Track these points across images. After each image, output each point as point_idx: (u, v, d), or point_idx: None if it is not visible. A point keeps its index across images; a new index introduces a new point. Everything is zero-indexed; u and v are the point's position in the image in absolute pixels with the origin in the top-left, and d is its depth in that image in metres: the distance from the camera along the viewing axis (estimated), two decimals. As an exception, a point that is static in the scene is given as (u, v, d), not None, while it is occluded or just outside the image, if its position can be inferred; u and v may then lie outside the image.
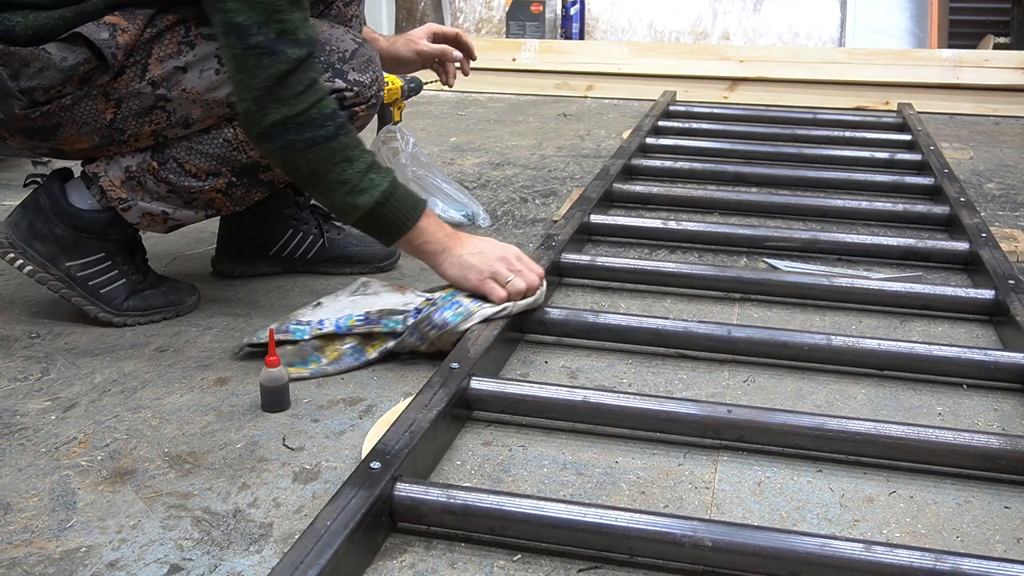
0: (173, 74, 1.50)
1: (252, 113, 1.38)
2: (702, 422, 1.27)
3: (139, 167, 1.58)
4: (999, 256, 1.84)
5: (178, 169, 1.58)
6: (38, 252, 1.59)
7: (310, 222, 1.91)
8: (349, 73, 1.59)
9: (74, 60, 1.45)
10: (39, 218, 1.60)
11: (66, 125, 1.51)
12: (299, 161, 1.41)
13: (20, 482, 1.20)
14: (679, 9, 4.47)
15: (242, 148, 1.58)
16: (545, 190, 2.57)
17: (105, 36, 1.45)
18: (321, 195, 1.47)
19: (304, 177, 1.44)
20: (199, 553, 1.06)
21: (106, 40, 1.44)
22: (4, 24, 1.43)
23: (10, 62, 1.44)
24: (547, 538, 1.06)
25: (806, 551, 0.99)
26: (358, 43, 1.62)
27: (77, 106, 1.49)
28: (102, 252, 1.63)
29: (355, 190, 1.43)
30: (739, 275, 1.80)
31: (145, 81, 1.49)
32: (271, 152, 1.42)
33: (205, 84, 1.52)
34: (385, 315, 1.51)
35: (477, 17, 4.69)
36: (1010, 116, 3.63)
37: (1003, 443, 1.20)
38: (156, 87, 1.50)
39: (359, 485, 1.05)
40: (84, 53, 1.45)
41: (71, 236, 1.60)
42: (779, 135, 2.99)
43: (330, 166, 1.42)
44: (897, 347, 1.49)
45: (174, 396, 1.42)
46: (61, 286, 1.62)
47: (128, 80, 1.49)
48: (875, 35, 4.14)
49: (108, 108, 1.51)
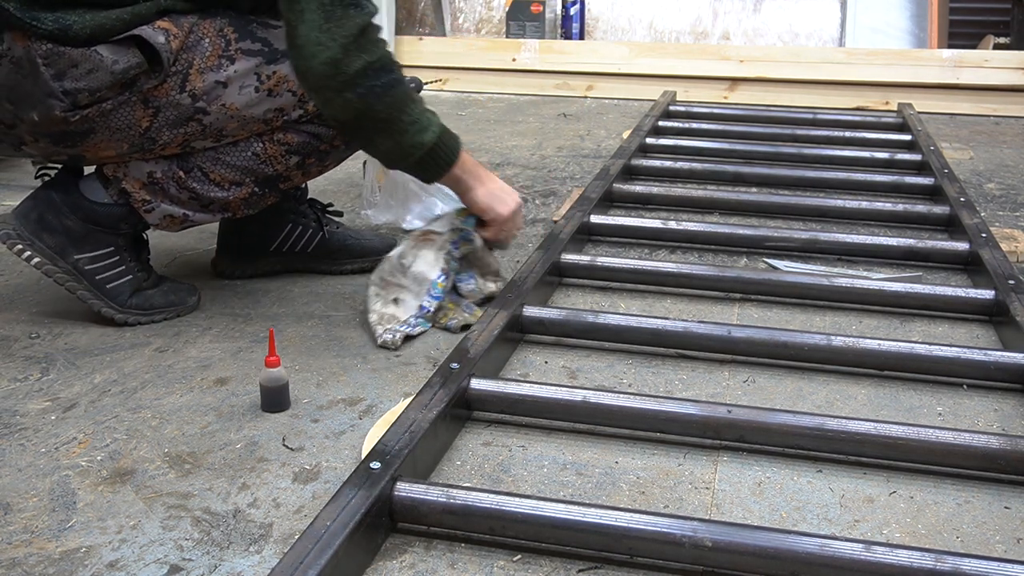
0: (214, 88, 1.52)
1: (338, 61, 1.39)
2: (702, 422, 1.27)
3: (164, 174, 1.59)
4: (999, 256, 1.84)
5: (203, 178, 1.60)
6: (47, 244, 1.60)
7: (308, 215, 1.92)
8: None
9: (126, 63, 1.45)
10: (50, 210, 1.60)
11: (100, 131, 1.51)
12: (378, 105, 1.44)
13: (20, 482, 1.20)
14: (679, 9, 4.47)
15: (270, 162, 1.61)
16: (545, 190, 2.57)
17: (162, 40, 1.46)
18: (391, 137, 1.49)
19: (379, 122, 1.47)
20: (199, 553, 1.06)
21: (163, 44, 1.46)
22: (60, 23, 1.43)
23: (56, 62, 1.44)
24: (547, 538, 1.06)
25: (806, 551, 0.99)
26: None
27: (116, 112, 1.50)
28: (111, 246, 1.63)
29: (423, 127, 1.50)
30: (739, 275, 1.80)
31: (186, 92, 1.51)
32: (350, 102, 1.42)
33: (244, 101, 1.53)
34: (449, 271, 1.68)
35: (477, 17, 4.69)
36: (1010, 116, 3.63)
37: (1003, 443, 1.20)
38: (196, 100, 1.52)
39: (359, 485, 1.05)
40: (137, 57, 1.46)
41: (82, 228, 1.60)
42: (779, 135, 2.99)
43: (403, 106, 1.47)
44: (897, 347, 1.49)
45: (174, 396, 1.42)
46: (67, 279, 1.62)
47: (168, 89, 1.50)
48: (875, 35, 4.14)
49: (146, 116, 1.51)
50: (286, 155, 1.62)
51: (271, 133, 1.60)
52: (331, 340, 1.62)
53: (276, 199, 1.71)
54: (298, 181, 1.69)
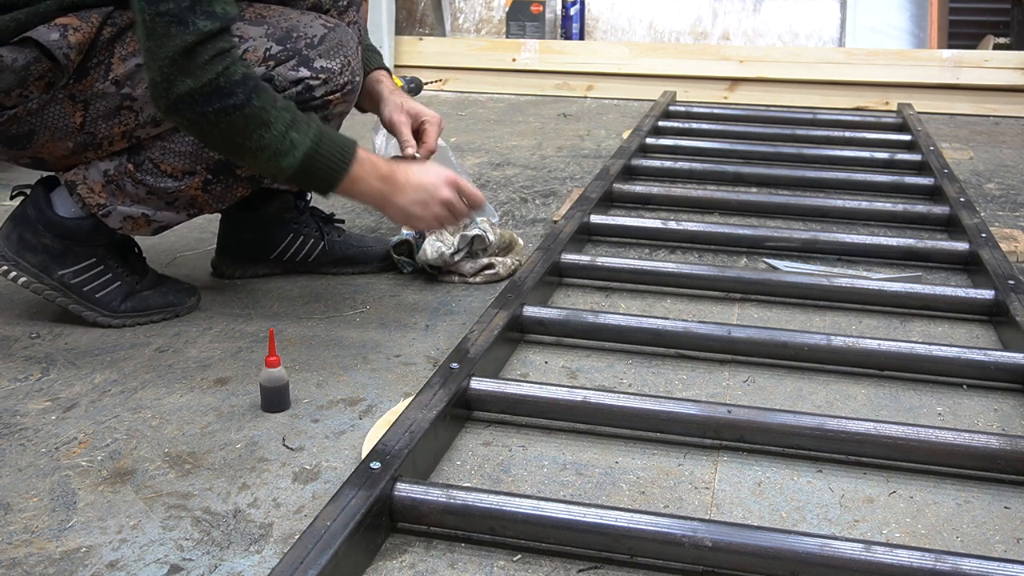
0: (136, 71, 1.49)
1: (158, 84, 1.32)
2: (702, 422, 1.27)
3: (116, 170, 1.57)
4: (999, 256, 1.84)
5: (154, 170, 1.56)
6: (30, 263, 1.59)
7: (310, 225, 1.90)
8: (315, 60, 1.52)
9: (24, 60, 1.44)
10: (28, 230, 1.60)
11: (39, 131, 1.51)
12: (212, 132, 1.35)
13: (20, 482, 1.20)
14: (679, 9, 4.47)
15: None
16: (545, 190, 2.57)
17: (55, 37, 1.44)
18: (244, 160, 1.42)
19: (221, 147, 1.40)
20: (199, 553, 1.06)
21: (56, 40, 1.44)
22: None
23: None
24: (547, 538, 1.06)
25: (806, 551, 0.99)
26: (328, 27, 1.55)
27: (45, 110, 1.49)
28: (92, 258, 1.63)
29: (277, 153, 1.37)
30: (739, 275, 1.80)
31: (109, 81, 1.49)
32: (181, 124, 1.37)
33: None
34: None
35: (477, 17, 4.69)
36: (1010, 116, 3.63)
37: (1003, 443, 1.20)
38: (120, 86, 1.49)
39: (359, 485, 1.05)
40: (34, 53, 1.45)
41: (59, 245, 1.60)
42: (779, 135, 2.99)
43: (246, 134, 1.35)
44: (897, 347, 1.49)
45: (174, 396, 1.42)
46: (56, 295, 1.61)
47: (92, 81, 1.48)
48: (875, 35, 4.14)
49: (76, 111, 1.50)
50: None
51: None
52: (331, 340, 1.62)
53: (246, 190, 1.64)
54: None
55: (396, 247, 1.89)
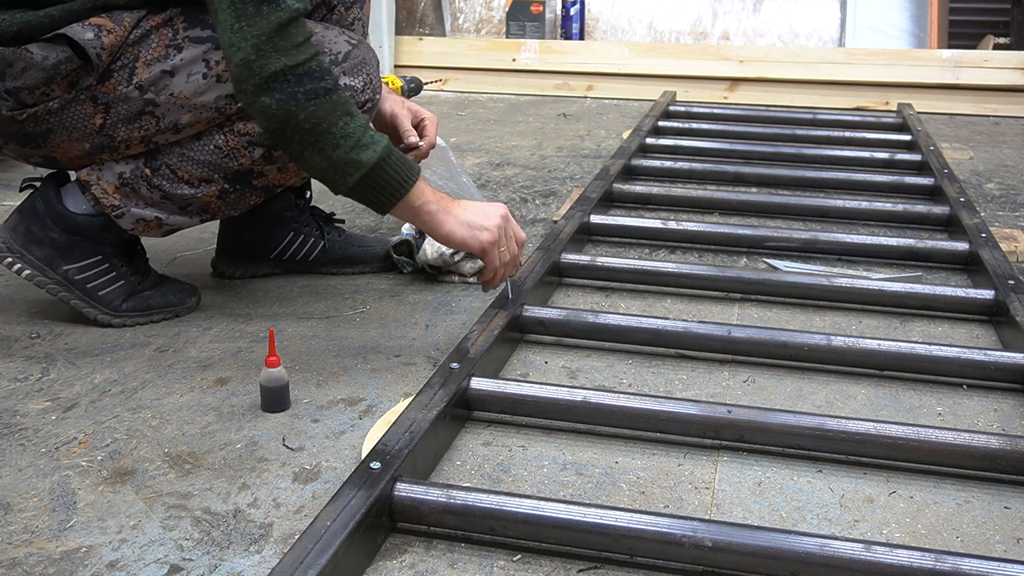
0: (160, 78, 1.49)
1: (251, 63, 1.29)
2: (702, 422, 1.27)
3: (132, 174, 1.57)
4: (999, 256, 1.84)
5: (171, 176, 1.56)
6: (35, 256, 1.59)
7: (311, 224, 1.90)
8: (340, 78, 1.53)
9: (55, 59, 1.44)
10: (35, 223, 1.60)
11: (56, 131, 1.50)
12: (301, 114, 1.32)
13: (20, 482, 1.20)
14: (679, 9, 4.47)
15: (233, 155, 1.55)
16: (545, 190, 2.57)
17: (90, 36, 1.44)
18: (320, 152, 1.35)
19: (304, 133, 1.33)
20: (199, 553, 1.06)
21: (91, 40, 1.44)
22: None
23: None
24: (547, 538, 1.06)
25: (806, 551, 0.99)
26: (352, 44, 1.57)
27: (66, 110, 1.49)
28: (98, 255, 1.63)
29: (359, 144, 1.34)
30: (739, 275, 1.80)
31: (132, 85, 1.48)
32: (268, 107, 1.32)
33: (192, 88, 1.50)
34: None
35: (477, 17, 4.68)
36: (1010, 116, 3.63)
37: (1003, 443, 1.20)
38: (144, 91, 1.49)
39: (359, 485, 1.05)
40: (65, 52, 1.44)
41: (67, 240, 1.60)
42: (779, 135, 2.99)
43: (334, 119, 1.33)
44: (897, 347, 1.49)
45: (174, 396, 1.42)
46: (59, 289, 1.61)
47: (116, 84, 1.48)
48: (875, 35, 4.14)
49: (97, 113, 1.50)
50: (248, 147, 1.55)
51: (231, 124, 1.54)
52: (331, 340, 1.62)
53: (259, 199, 1.64)
54: (275, 178, 1.61)
55: (396, 247, 1.89)
